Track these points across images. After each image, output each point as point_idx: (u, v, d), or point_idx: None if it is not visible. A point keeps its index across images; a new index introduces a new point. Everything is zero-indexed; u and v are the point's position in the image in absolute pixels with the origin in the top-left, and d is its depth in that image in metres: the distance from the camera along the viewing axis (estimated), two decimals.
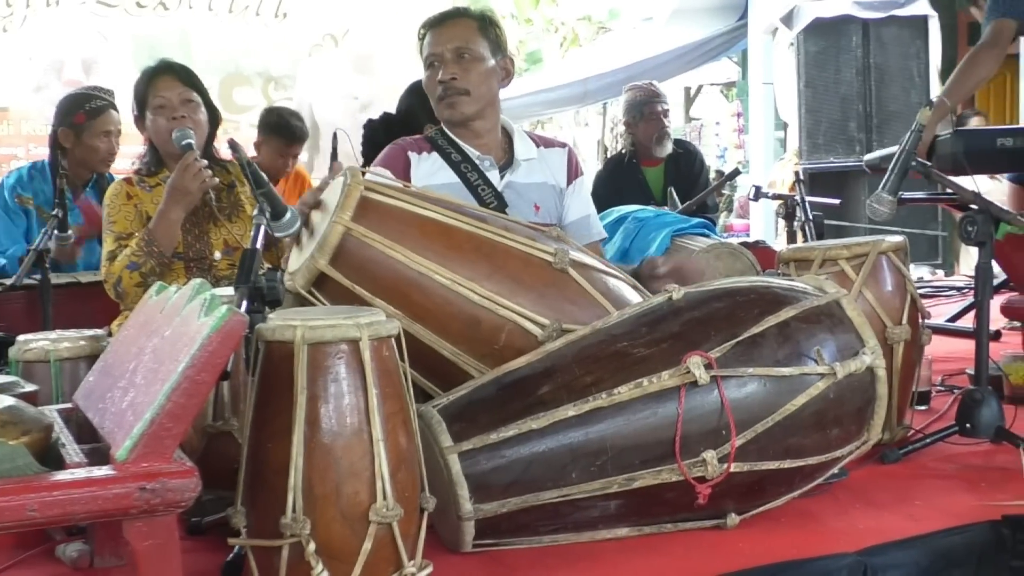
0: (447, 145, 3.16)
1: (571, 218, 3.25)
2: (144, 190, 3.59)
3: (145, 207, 3.56)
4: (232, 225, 3.60)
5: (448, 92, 3.10)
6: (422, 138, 3.22)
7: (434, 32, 3.17)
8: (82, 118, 4.59)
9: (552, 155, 3.27)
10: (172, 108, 3.52)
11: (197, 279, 1.92)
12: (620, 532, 2.22)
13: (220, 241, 3.57)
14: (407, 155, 3.13)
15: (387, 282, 2.34)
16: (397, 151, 3.17)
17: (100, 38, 7.73)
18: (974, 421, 2.74)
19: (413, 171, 3.10)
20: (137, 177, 3.63)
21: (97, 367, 2.13)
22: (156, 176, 3.62)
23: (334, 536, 1.83)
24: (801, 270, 2.85)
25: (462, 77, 3.10)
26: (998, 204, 2.84)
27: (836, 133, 7.75)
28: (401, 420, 1.91)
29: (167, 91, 3.54)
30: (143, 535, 1.66)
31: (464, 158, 3.14)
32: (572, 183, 3.28)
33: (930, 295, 5.71)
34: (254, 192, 2.35)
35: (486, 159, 3.15)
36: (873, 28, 7.72)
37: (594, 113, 17.27)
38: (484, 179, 3.11)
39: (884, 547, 2.18)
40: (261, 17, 8.08)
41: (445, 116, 3.15)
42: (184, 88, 3.55)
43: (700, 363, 2.16)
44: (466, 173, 3.11)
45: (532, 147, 3.24)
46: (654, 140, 5.78)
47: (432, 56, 3.14)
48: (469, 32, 3.14)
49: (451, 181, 3.08)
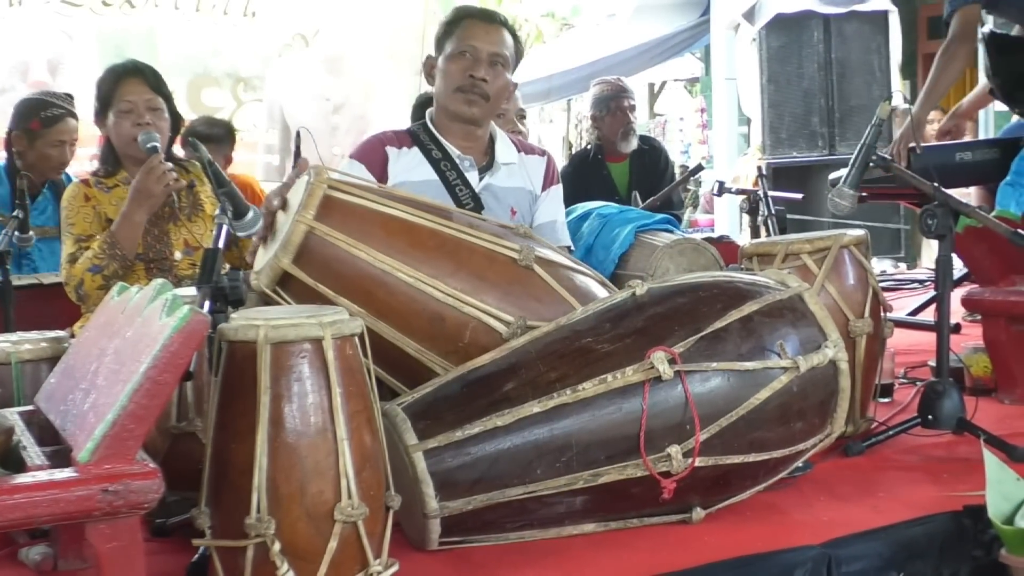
0: (429, 141, 3.13)
1: (538, 222, 3.23)
2: (102, 191, 3.55)
3: (104, 208, 3.52)
4: (192, 224, 3.57)
5: (473, 88, 3.08)
6: (404, 132, 3.19)
7: (477, 26, 3.14)
8: (37, 125, 4.54)
9: (532, 161, 3.26)
10: (138, 113, 3.47)
11: (159, 279, 1.91)
12: (586, 528, 2.23)
13: (180, 241, 3.54)
14: (385, 149, 3.10)
15: (351, 280, 2.34)
16: (375, 144, 3.14)
17: (65, 38, 7.62)
18: (936, 413, 2.77)
19: (391, 166, 3.08)
20: (95, 178, 3.59)
21: (59, 369, 2.12)
22: (114, 177, 3.58)
23: (299, 536, 1.83)
24: (764, 264, 2.86)
25: (491, 82, 3.09)
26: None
27: (799, 128, 7.79)
28: (365, 418, 1.91)
29: (134, 95, 3.48)
30: (106, 537, 1.65)
31: (445, 156, 3.11)
32: (546, 190, 3.26)
33: (893, 288, 5.75)
34: (216, 191, 2.34)
35: (467, 159, 3.13)
36: (834, 23, 7.76)
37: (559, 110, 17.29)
38: (463, 179, 3.09)
39: (848, 539, 2.20)
40: (229, 16, 7.97)
41: (456, 109, 3.11)
42: (151, 94, 3.50)
43: (664, 358, 2.17)
44: (445, 171, 3.09)
45: (513, 152, 3.22)
46: (619, 136, 5.79)
47: (469, 47, 3.10)
48: (508, 42, 3.15)
49: (429, 178, 3.06)
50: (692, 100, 16.56)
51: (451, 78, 3.11)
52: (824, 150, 7.67)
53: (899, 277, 6.49)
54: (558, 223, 3.30)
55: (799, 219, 5.55)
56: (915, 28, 10.85)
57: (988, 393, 3.24)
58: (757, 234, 4.74)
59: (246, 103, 7.83)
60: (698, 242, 3.78)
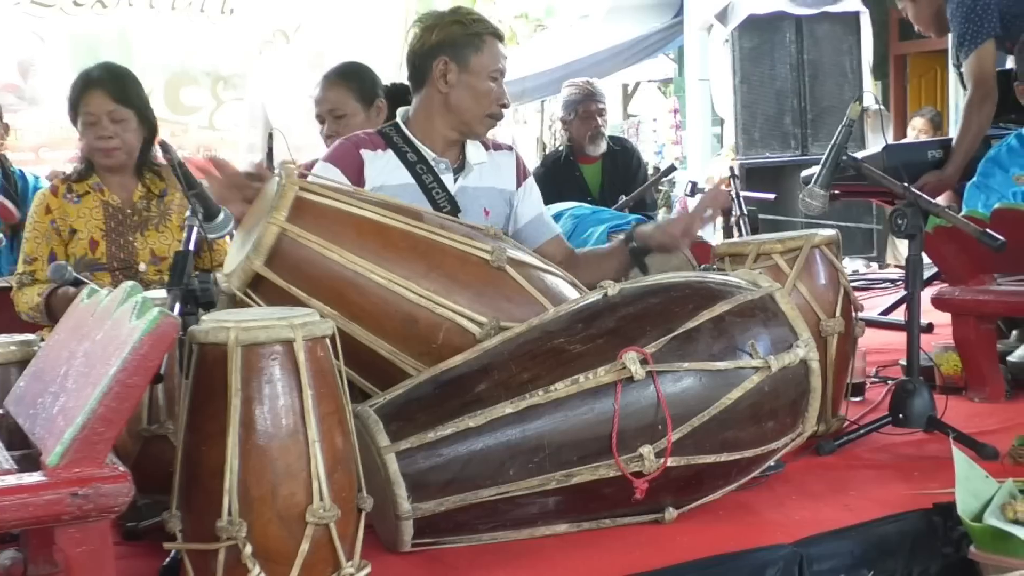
0: (403, 143, 3.09)
1: (525, 220, 3.21)
2: (70, 201, 3.50)
3: (69, 221, 3.47)
4: (159, 234, 3.53)
5: (500, 115, 3.10)
6: (376, 134, 3.14)
7: (499, 46, 3.10)
8: None
9: (501, 158, 3.23)
10: (101, 126, 3.43)
11: (128, 282, 1.90)
12: (559, 528, 2.23)
13: (146, 251, 3.50)
14: (359, 153, 3.05)
15: (323, 282, 2.33)
16: (349, 147, 3.09)
17: (36, 39, 7.53)
18: (907, 411, 2.79)
19: (367, 169, 3.03)
20: (65, 186, 3.54)
21: (28, 372, 2.10)
22: (85, 182, 3.53)
23: (271, 538, 1.82)
24: (736, 264, 2.87)
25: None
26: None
27: (771, 128, 7.82)
28: (337, 420, 1.90)
29: (95, 107, 3.43)
30: (76, 541, 1.64)
31: (420, 159, 3.07)
32: (521, 185, 3.24)
33: (865, 288, 5.77)
34: (186, 193, 2.32)
35: (442, 161, 3.09)
36: (806, 24, 7.79)
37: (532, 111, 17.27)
38: (439, 182, 3.06)
39: (820, 537, 2.22)
40: (206, 14, 7.86)
41: (480, 131, 3.11)
42: (114, 105, 3.43)
43: (636, 358, 2.18)
44: (421, 175, 3.05)
45: (482, 151, 3.18)
46: (587, 139, 5.80)
47: (499, 72, 3.07)
48: None
49: (406, 182, 3.03)
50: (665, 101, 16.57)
51: (484, 101, 3.06)
52: (796, 150, 7.70)
53: (871, 276, 6.52)
54: (544, 215, 3.29)
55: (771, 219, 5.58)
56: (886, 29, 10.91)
57: (958, 391, 3.26)
58: (730, 234, 4.75)
59: (226, 102, 7.74)
60: None
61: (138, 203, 3.52)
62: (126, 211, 3.51)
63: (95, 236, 3.47)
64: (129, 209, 3.51)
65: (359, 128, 3.56)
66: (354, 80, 3.88)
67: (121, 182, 3.55)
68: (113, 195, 3.52)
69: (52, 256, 3.45)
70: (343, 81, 3.88)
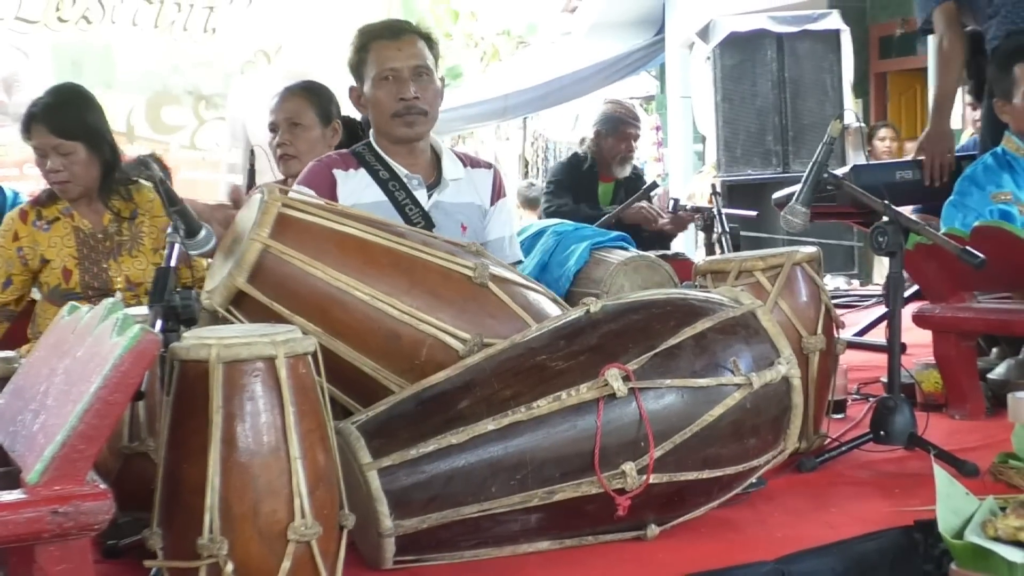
0: (375, 161, 3.09)
1: (489, 237, 3.20)
2: (40, 229, 3.43)
3: (40, 250, 3.42)
4: (133, 259, 3.47)
5: (410, 111, 3.04)
6: (348, 153, 3.14)
7: (388, 45, 3.08)
8: None
9: (478, 175, 3.23)
10: (49, 160, 3.36)
11: (109, 299, 1.90)
12: (541, 546, 2.23)
13: (121, 278, 3.44)
14: (332, 173, 3.07)
15: (306, 299, 2.33)
16: (320, 169, 3.10)
17: (20, 55, 7.52)
18: (888, 428, 2.79)
19: (339, 189, 3.04)
20: (34, 211, 3.47)
21: (8, 389, 2.09)
22: (55, 206, 3.46)
23: (252, 556, 1.82)
24: (717, 282, 2.88)
25: (423, 97, 3.05)
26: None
27: (753, 145, 7.85)
28: (319, 437, 1.90)
29: (40, 143, 3.36)
30: (56, 559, 1.64)
31: (392, 176, 3.08)
32: (495, 204, 3.24)
33: (846, 305, 5.80)
34: (167, 210, 2.32)
35: (415, 178, 3.09)
36: (787, 42, 7.83)
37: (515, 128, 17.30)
38: (412, 198, 3.06)
39: (801, 555, 2.22)
40: (189, 32, 7.85)
41: (400, 134, 3.08)
42: (57, 140, 3.34)
43: (618, 375, 2.18)
44: (394, 192, 3.05)
45: (460, 167, 3.19)
46: (617, 159, 5.80)
47: (389, 71, 3.05)
48: (423, 49, 3.09)
49: (378, 199, 3.03)
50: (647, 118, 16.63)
51: (383, 106, 3.07)
52: (778, 167, 7.73)
53: (853, 293, 6.54)
54: (508, 238, 3.28)
55: (753, 236, 5.59)
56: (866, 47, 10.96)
57: (939, 408, 3.28)
58: (712, 251, 4.76)
59: (208, 121, 7.73)
60: (653, 259, 3.80)
61: (109, 227, 3.46)
62: (98, 236, 3.45)
63: (68, 265, 3.41)
64: (100, 234, 3.45)
65: (312, 142, 3.64)
66: (315, 96, 3.84)
67: (89, 207, 3.48)
68: (84, 220, 3.45)
69: (8, 282, 3.42)
70: (305, 94, 3.84)
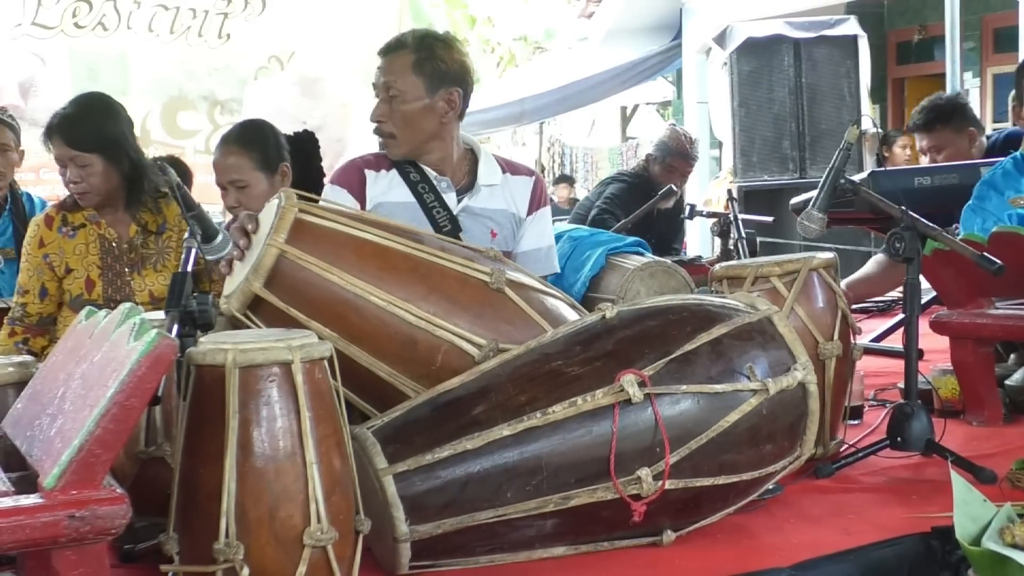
0: (406, 163, 3.09)
1: (524, 248, 3.18)
2: (66, 236, 3.39)
3: (65, 258, 3.38)
4: (158, 274, 3.40)
5: (378, 133, 3.07)
6: (382, 155, 3.13)
7: (380, 61, 3.09)
8: None
9: (517, 182, 3.20)
10: (68, 171, 3.33)
11: (126, 303, 1.90)
12: (556, 551, 2.22)
13: (145, 292, 3.38)
14: (363, 173, 3.08)
15: (323, 304, 2.33)
16: (352, 168, 3.11)
17: (37, 61, 7.58)
18: (905, 435, 2.78)
19: (369, 188, 3.05)
20: (61, 215, 3.43)
21: (25, 394, 2.10)
22: (81, 212, 3.41)
23: (268, 560, 1.82)
24: (734, 287, 2.87)
25: (388, 119, 3.03)
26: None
27: (770, 151, 7.84)
28: (335, 442, 1.90)
29: (58, 155, 3.33)
30: (72, 564, 1.64)
31: (423, 178, 3.07)
32: (534, 213, 3.21)
33: (863, 310, 5.77)
34: (184, 215, 2.33)
35: (443, 180, 3.09)
36: (804, 48, 7.82)
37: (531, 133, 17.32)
38: (440, 201, 3.05)
39: (818, 561, 2.21)
40: (204, 39, 7.92)
41: (386, 149, 3.10)
42: (73, 152, 3.29)
43: (634, 381, 2.18)
44: (422, 193, 3.05)
45: (498, 172, 3.17)
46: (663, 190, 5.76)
47: (374, 87, 3.08)
48: (403, 69, 3.02)
49: (406, 200, 3.03)
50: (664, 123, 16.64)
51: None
52: (795, 173, 7.72)
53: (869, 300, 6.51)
54: (547, 250, 3.25)
55: (770, 242, 5.58)
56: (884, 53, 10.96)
57: (956, 415, 3.26)
58: (728, 257, 4.75)
59: (223, 126, 7.73)
60: (669, 265, 3.79)
61: (135, 238, 3.40)
62: (123, 247, 3.40)
63: (91, 275, 3.37)
64: (126, 245, 3.40)
65: (263, 197, 3.20)
66: (254, 147, 3.52)
67: (115, 217, 3.42)
68: (110, 228, 3.40)
69: (43, 291, 3.38)
70: (242, 149, 3.51)
